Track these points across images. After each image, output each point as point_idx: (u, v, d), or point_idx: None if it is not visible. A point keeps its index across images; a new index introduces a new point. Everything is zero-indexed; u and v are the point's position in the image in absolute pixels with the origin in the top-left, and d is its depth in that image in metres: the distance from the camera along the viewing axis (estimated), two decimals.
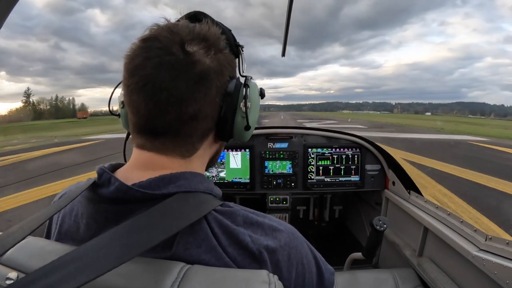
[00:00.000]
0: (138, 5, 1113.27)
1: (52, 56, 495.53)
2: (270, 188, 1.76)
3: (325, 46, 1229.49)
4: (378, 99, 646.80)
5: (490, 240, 0.94)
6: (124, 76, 0.42)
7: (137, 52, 0.40)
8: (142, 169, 0.43)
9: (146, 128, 0.42)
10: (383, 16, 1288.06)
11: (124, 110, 0.50)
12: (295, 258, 0.43)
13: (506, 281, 0.82)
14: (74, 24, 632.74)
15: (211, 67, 0.41)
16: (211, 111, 0.44)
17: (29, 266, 0.36)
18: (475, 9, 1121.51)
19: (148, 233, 0.34)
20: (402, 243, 1.49)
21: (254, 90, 0.51)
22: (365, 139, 1.77)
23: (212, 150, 0.51)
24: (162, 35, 0.40)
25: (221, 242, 0.39)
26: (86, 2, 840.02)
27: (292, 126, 1.87)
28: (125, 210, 0.39)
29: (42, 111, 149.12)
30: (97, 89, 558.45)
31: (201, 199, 0.42)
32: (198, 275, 0.34)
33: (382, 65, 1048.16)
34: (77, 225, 0.44)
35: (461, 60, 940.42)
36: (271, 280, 0.34)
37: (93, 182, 0.42)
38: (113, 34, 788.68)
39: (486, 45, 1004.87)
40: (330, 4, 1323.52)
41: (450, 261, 1.12)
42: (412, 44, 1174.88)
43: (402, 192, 1.56)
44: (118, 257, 0.31)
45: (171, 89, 0.39)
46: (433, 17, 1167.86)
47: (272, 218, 0.45)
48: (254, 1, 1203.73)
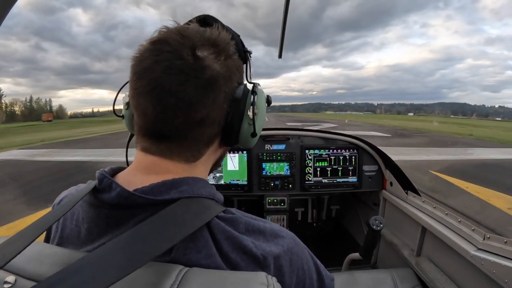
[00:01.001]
0: (121, 4, 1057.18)
1: (32, 57, 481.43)
2: (268, 190, 1.76)
3: (308, 47, 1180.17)
4: (360, 100, 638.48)
5: (488, 239, 0.95)
6: (132, 78, 0.42)
7: (146, 55, 0.40)
8: (146, 173, 0.43)
9: (152, 131, 0.42)
10: (365, 17, 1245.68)
11: (128, 112, 0.50)
12: (296, 264, 0.43)
13: (504, 280, 0.82)
14: (56, 24, 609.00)
15: (220, 73, 0.41)
16: (218, 117, 0.44)
17: (27, 270, 0.36)
18: (456, 11, 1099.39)
19: (152, 242, 0.34)
20: (400, 243, 1.50)
21: (261, 97, 0.50)
22: (362, 140, 1.77)
23: (216, 155, 0.51)
24: (172, 38, 0.40)
25: (223, 249, 0.38)
26: (68, 1, 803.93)
27: (289, 128, 1.87)
28: (126, 216, 0.39)
29: (14, 113, 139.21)
30: (79, 90, 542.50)
31: (203, 205, 0.41)
32: (197, 277, 0.33)
33: (364, 66, 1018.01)
34: (78, 230, 0.43)
35: (442, 62, 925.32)
36: (269, 282, 0.34)
37: (93, 187, 0.42)
38: (95, 34, 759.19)
39: (467, 46, 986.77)
40: (313, 5, 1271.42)
41: (448, 261, 1.13)
42: (394, 46, 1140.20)
43: (399, 192, 1.56)
44: (124, 267, 0.31)
45: (180, 93, 0.39)
46: (415, 19, 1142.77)
47: (274, 224, 0.45)
48: (237, 1, 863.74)
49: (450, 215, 1.16)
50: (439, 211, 1.24)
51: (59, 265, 0.32)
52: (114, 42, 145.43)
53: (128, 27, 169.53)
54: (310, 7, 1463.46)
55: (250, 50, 0.52)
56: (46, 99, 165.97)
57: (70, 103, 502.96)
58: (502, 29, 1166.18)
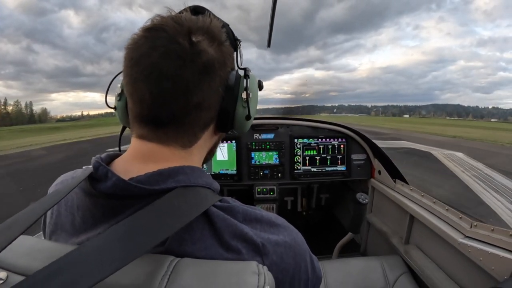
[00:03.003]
0: (113, 6, 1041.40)
1: (24, 59, 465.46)
2: (257, 179, 1.75)
3: (300, 50, 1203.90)
4: (352, 102, 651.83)
5: (475, 227, 0.95)
6: (127, 65, 0.42)
7: (142, 42, 0.40)
8: (142, 161, 0.43)
9: (149, 117, 0.42)
10: (358, 19, 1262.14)
11: (120, 103, 0.51)
12: (293, 249, 0.44)
13: (491, 267, 0.83)
14: (47, 26, 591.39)
15: (216, 58, 0.42)
16: (214, 101, 0.45)
17: (18, 265, 0.35)
18: (449, 13, 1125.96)
19: (149, 232, 0.34)
20: (389, 231, 1.51)
21: (254, 81, 0.52)
22: (351, 128, 1.77)
23: (211, 141, 0.52)
24: (168, 25, 0.40)
25: (223, 237, 0.38)
26: (60, 3, 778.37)
27: (278, 117, 1.85)
28: (122, 205, 0.39)
29: None
30: (71, 93, 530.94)
31: (200, 194, 0.42)
32: (189, 267, 0.33)
33: (357, 68, 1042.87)
34: (72, 217, 0.43)
35: (434, 63, 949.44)
36: (260, 271, 0.34)
37: (89, 174, 0.41)
38: (87, 36, 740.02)
39: (459, 48, 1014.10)
40: (306, 7, 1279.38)
41: (436, 248, 1.14)
42: (387, 48, 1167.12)
43: (388, 181, 1.57)
44: (121, 259, 0.30)
45: (177, 77, 0.39)
46: (408, 21, 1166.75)
47: (269, 213, 0.46)
48: (229, 3, 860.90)
49: (438, 203, 1.16)
50: (427, 199, 1.24)
51: (52, 259, 0.31)
52: (106, 44, 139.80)
53: (120, 29, 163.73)
54: (303, 9, 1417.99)
55: (239, 39, 0.54)
56: (27, 102, 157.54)
57: (63, 106, 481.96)
58: (494, 30, 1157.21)
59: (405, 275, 1.22)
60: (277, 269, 0.39)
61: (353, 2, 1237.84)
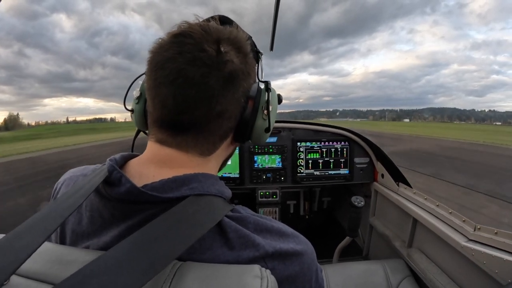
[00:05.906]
0: (105, 10, 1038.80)
1: (15, 63, 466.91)
2: (260, 183, 1.75)
3: (294, 55, 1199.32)
4: (346, 106, 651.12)
5: (478, 230, 0.95)
6: (151, 69, 0.42)
7: (168, 46, 0.40)
8: (159, 166, 0.43)
9: (170, 122, 0.42)
10: (352, 24, 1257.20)
11: (138, 106, 0.52)
12: (300, 257, 0.44)
13: (495, 271, 0.83)
14: (39, 30, 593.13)
15: (241, 68, 0.43)
16: (235, 111, 0.45)
17: (39, 272, 0.34)
18: (443, 16, 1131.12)
19: (170, 243, 0.34)
20: (391, 235, 1.51)
21: (274, 95, 0.53)
22: (353, 131, 1.77)
23: (228, 151, 0.52)
24: (195, 32, 0.41)
25: (235, 247, 0.38)
26: (51, 6, 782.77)
27: (280, 120, 1.86)
28: (134, 210, 0.39)
29: None
30: (63, 98, 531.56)
31: (213, 203, 0.42)
32: (191, 271, 0.33)
33: (351, 73, 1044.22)
34: (80, 216, 0.43)
35: (427, 67, 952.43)
36: (263, 275, 0.34)
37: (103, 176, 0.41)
38: (79, 40, 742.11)
39: (452, 52, 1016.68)
40: (300, 12, 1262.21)
41: (440, 252, 1.14)
42: (381, 52, 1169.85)
43: (391, 184, 1.57)
44: (146, 271, 0.30)
45: (202, 85, 0.39)
46: (402, 25, 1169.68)
47: (279, 223, 0.46)
48: (223, 8, 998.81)
49: (441, 206, 1.16)
50: (430, 202, 1.24)
51: (72, 265, 0.31)
52: (98, 49, 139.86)
53: (112, 34, 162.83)
54: (297, 13, 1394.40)
55: (261, 51, 0.55)
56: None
57: (55, 112, 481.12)
58: (488, 33, 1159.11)
59: (408, 279, 1.22)
60: (281, 275, 0.39)
61: (348, 6, 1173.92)
